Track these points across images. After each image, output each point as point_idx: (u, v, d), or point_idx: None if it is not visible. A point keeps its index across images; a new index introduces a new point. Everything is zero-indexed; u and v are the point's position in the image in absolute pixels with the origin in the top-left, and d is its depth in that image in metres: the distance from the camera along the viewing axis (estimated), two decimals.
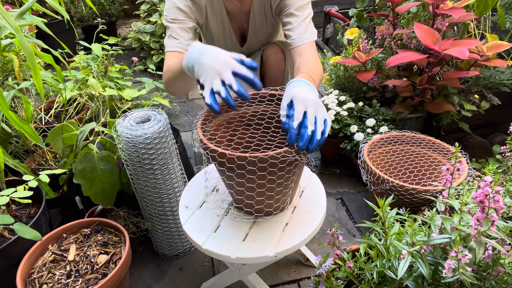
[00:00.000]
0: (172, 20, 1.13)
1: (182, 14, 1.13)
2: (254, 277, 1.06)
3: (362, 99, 1.68)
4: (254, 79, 0.77)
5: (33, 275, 1.02)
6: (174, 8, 1.13)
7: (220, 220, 0.94)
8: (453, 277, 0.57)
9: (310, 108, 0.77)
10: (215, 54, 0.80)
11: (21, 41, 1.00)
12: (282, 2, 1.18)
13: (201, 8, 1.19)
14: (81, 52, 1.91)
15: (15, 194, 0.98)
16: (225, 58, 0.79)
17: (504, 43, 1.42)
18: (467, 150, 1.62)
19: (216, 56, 0.80)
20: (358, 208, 1.52)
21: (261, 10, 1.26)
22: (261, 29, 1.31)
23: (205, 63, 0.80)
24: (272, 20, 1.29)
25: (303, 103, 0.77)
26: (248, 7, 1.25)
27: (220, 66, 0.78)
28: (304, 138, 0.75)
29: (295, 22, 1.15)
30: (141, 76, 2.64)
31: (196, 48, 0.84)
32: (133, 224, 1.25)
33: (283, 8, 1.19)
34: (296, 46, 1.13)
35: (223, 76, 0.77)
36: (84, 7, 3.19)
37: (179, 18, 1.13)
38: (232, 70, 0.77)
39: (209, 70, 0.78)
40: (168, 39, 1.13)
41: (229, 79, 0.76)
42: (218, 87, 0.76)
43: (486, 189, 0.57)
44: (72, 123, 1.29)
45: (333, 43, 2.61)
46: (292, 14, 1.16)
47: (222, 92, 0.76)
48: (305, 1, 1.17)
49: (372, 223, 0.70)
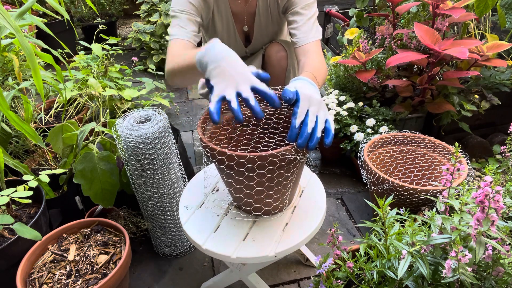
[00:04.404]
0: (180, 11, 1.12)
1: (191, 7, 1.13)
2: (254, 277, 1.06)
3: (362, 99, 1.68)
4: (272, 95, 0.74)
5: (33, 275, 1.02)
6: (184, 1, 1.12)
7: (220, 220, 0.94)
8: (453, 277, 0.57)
9: (313, 107, 0.77)
10: (236, 62, 0.76)
11: (21, 41, 1.00)
12: (289, 0, 1.18)
13: (208, 7, 1.19)
14: (81, 52, 1.91)
15: (15, 194, 0.98)
16: (245, 70, 0.76)
17: (504, 43, 1.42)
18: (467, 150, 1.62)
19: (237, 66, 0.76)
20: (358, 208, 1.52)
21: (266, 10, 1.26)
22: (266, 29, 1.31)
23: (224, 66, 0.75)
24: (278, 19, 1.29)
25: (307, 100, 0.77)
26: (253, 8, 1.25)
27: (240, 77, 0.74)
28: (304, 136, 0.74)
29: (301, 20, 1.15)
30: (141, 76, 2.64)
31: (219, 46, 0.79)
32: (133, 224, 1.25)
33: (289, 6, 1.19)
34: (301, 45, 1.13)
35: (241, 88, 0.73)
36: (84, 7, 3.19)
37: (188, 11, 1.12)
38: (251, 84, 0.74)
39: (226, 75, 0.75)
40: (174, 28, 1.11)
41: (247, 93, 0.73)
42: (231, 97, 0.72)
43: (486, 189, 0.57)
44: (72, 123, 1.29)
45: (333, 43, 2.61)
46: (298, 12, 1.16)
47: (234, 102, 0.72)
48: (310, 0, 1.17)
49: (372, 223, 0.70)
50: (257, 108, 0.72)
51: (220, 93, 0.74)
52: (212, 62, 0.77)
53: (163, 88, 1.98)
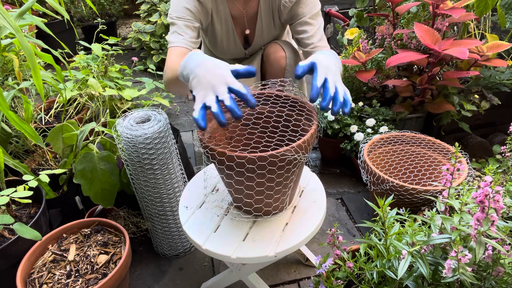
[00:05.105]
0: (178, 17, 1.12)
1: (189, 13, 1.13)
2: (254, 277, 1.06)
3: (362, 99, 1.68)
4: (247, 95, 0.73)
5: (33, 275, 1.02)
6: (181, 7, 1.13)
7: (220, 220, 0.94)
8: (453, 277, 0.57)
9: (331, 75, 0.78)
10: (212, 66, 0.77)
11: (21, 41, 1.00)
12: (294, 10, 1.20)
13: (207, 11, 1.20)
14: (81, 52, 1.91)
15: (15, 194, 0.98)
16: (222, 71, 0.75)
17: (504, 43, 1.42)
18: (467, 150, 1.62)
19: (212, 69, 0.76)
20: (358, 208, 1.52)
21: (269, 15, 1.26)
22: (268, 33, 1.32)
23: (200, 75, 0.76)
24: (280, 24, 1.30)
25: (324, 69, 0.78)
26: (253, 12, 1.25)
27: (216, 80, 0.74)
28: (327, 98, 0.75)
29: (311, 30, 1.19)
30: (141, 76, 2.64)
31: (193, 57, 0.81)
32: (133, 224, 1.25)
33: (295, 16, 1.21)
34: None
35: (218, 91, 0.73)
36: (84, 7, 3.19)
37: (186, 17, 1.13)
38: (227, 85, 0.73)
39: (203, 83, 0.75)
40: (172, 35, 1.12)
41: (224, 95, 0.72)
42: (211, 102, 0.72)
43: (486, 189, 0.57)
44: (72, 123, 1.29)
45: (333, 43, 2.61)
46: (307, 22, 1.19)
47: (214, 107, 0.72)
48: (317, 10, 1.20)
49: (372, 223, 0.70)
50: (233, 107, 0.71)
51: (201, 101, 0.74)
52: (191, 72, 0.79)
53: (163, 88, 1.98)
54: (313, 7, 1.19)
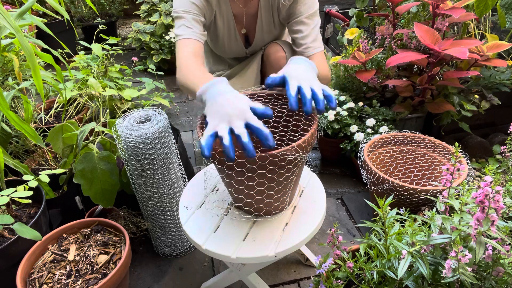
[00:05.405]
0: (185, 11, 1.12)
1: (195, 7, 1.13)
2: (254, 277, 1.06)
3: (362, 99, 1.68)
4: (268, 135, 0.70)
5: (33, 275, 1.02)
6: (187, 2, 1.12)
7: (220, 220, 0.94)
8: (453, 277, 0.57)
9: (304, 82, 0.80)
10: (233, 98, 0.75)
11: (21, 41, 1.00)
12: (292, 9, 1.19)
13: (211, 8, 1.20)
14: (81, 52, 1.91)
15: (15, 194, 0.98)
16: (242, 105, 0.73)
17: (504, 43, 1.42)
18: (467, 150, 1.62)
19: (233, 101, 0.74)
20: (358, 208, 1.52)
21: (269, 13, 1.26)
22: (268, 32, 1.32)
23: (219, 103, 0.75)
24: (279, 23, 1.31)
25: (295, 79, 0.80)
26: (253, 11, 1.26)
27: (234, 112, 0.72)
28: (307, 102, 0.77)
29: (306, 30, 1.18)
30: (141, 76, 2.64)
31: (217, 85, 0.79)
32: (133, 224, 1.25)
33: (292, 15, 1.21)
34: (308, 55, 1.17)
35: (234, 124, 0.71)
36: (84, 7, 3.19)
37: (193, 11, 1.12)
38: (245, 121, 0.71)
39: (221, 112, 0.73)
40: (180, 28, 1.11)
41: (240, 129, 0.70)
42: (223, 133, 0.70)
43: (486, 189, 0.57)
44: (72, 123, 1.29)
45: (333, 43, 2.61)
46: (302, 22, 1.18)
47: (226, 139, 0.69)
48: (314, 9, 1.20)
49: (372, 223, 0.70)
50: (249, 146, 0.69)
51: (213, 129, 0.72)
52: (210, 99, 0.78)
53: (163, 88, 1.98)
54: (310, 7, 1.19)
